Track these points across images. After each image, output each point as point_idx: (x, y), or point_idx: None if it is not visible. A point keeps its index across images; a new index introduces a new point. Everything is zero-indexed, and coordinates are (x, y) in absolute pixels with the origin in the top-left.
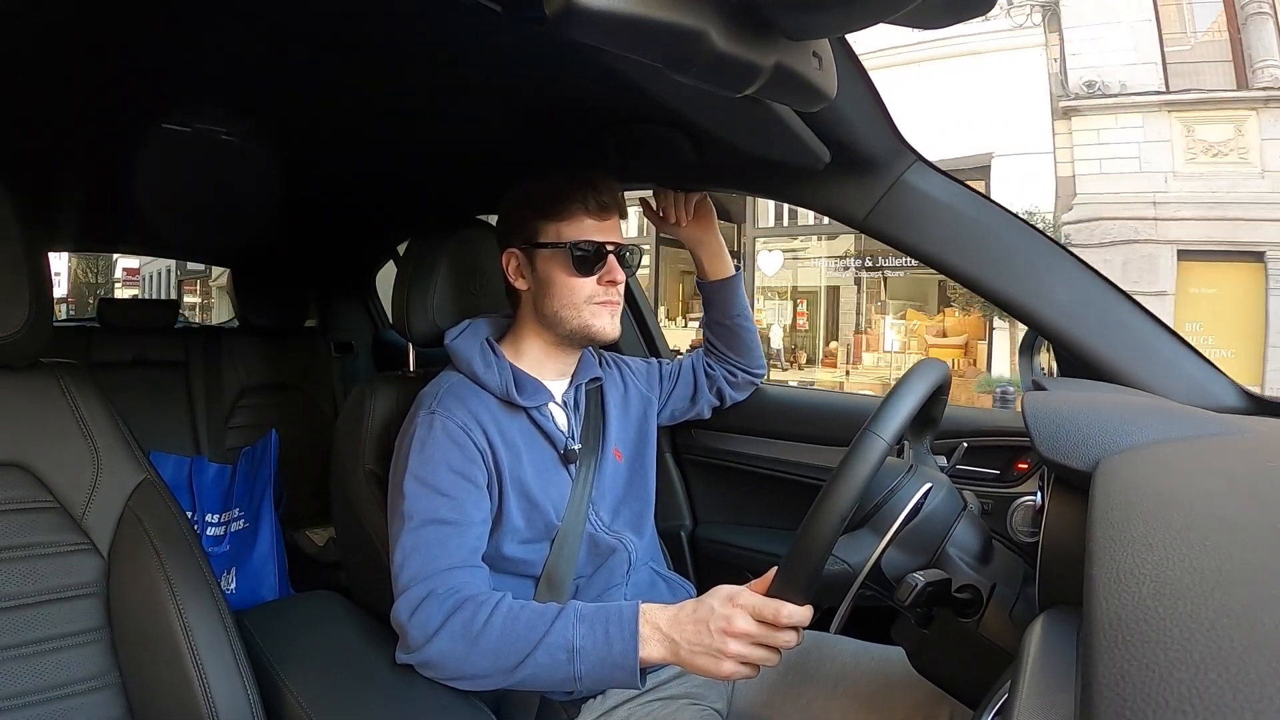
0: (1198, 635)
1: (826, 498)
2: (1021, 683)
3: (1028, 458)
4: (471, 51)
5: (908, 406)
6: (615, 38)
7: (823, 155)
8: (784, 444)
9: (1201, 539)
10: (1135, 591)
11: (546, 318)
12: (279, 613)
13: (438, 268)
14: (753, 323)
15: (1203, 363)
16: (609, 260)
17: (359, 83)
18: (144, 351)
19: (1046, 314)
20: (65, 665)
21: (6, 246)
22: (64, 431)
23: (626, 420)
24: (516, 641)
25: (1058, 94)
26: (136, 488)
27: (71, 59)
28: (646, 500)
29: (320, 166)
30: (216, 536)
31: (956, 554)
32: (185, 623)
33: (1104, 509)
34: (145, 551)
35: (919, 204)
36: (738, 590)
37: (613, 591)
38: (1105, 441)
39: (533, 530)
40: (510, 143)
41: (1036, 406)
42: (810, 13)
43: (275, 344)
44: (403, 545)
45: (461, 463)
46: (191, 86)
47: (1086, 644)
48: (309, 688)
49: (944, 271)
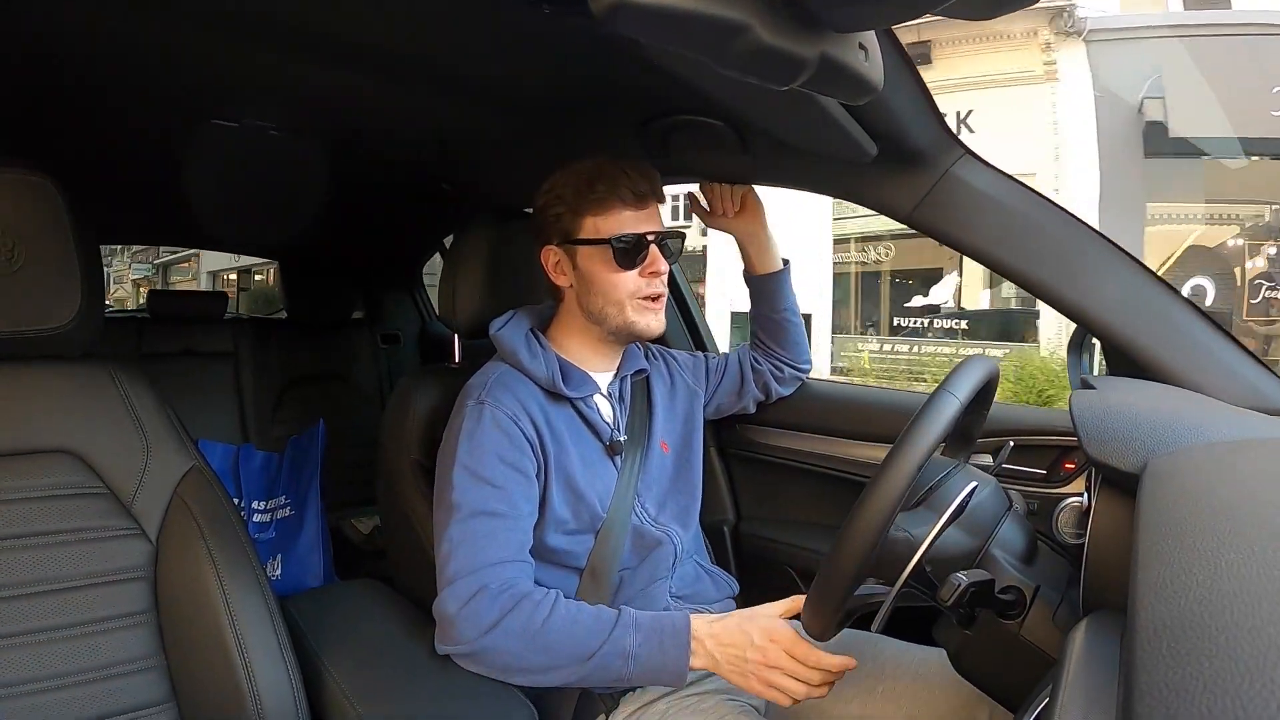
0: (1244, 644)
1: (851, 527)
2: (1063, 687)
3: (1075, 458)
4: (514, 48)
5: (948, 414)
6: (660, 32)
7: (870, 149)
8: (828, 440)
9: (1250, 545)
10: (1181, 597)
11: (591, 315)
12: (323, 600)
13: (484, 260)
14: (799, 317)
15: (1255, 363)
16: (650, 250)
17: (403, 81)
18: (193, 343)
19: (1096, 311)
20: (112, 647)
21: (58, 240)
22: (114, 420)
23: (673, 413)
24: (576, 645)
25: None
26: (185, 475)
27: (122, 56)
28: (693, 494)
29: (366, 162)
30: (263, 523)
31: (1001, 554)
32: (230, 608)
33: (1151, 512)
34: (193, 537)
35: (967, 198)
36: (775, 625)
37: (658, 585)
38: (1154, 442)
39: (578, 521)
40: (555, 135)
41: (1084, 405)
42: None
43: (323, 336)
44: (450, 536)
45: (511, 452)
46: (239, 84)
47: (1129, 650)
48: (351, 674)
49: (992, 266)
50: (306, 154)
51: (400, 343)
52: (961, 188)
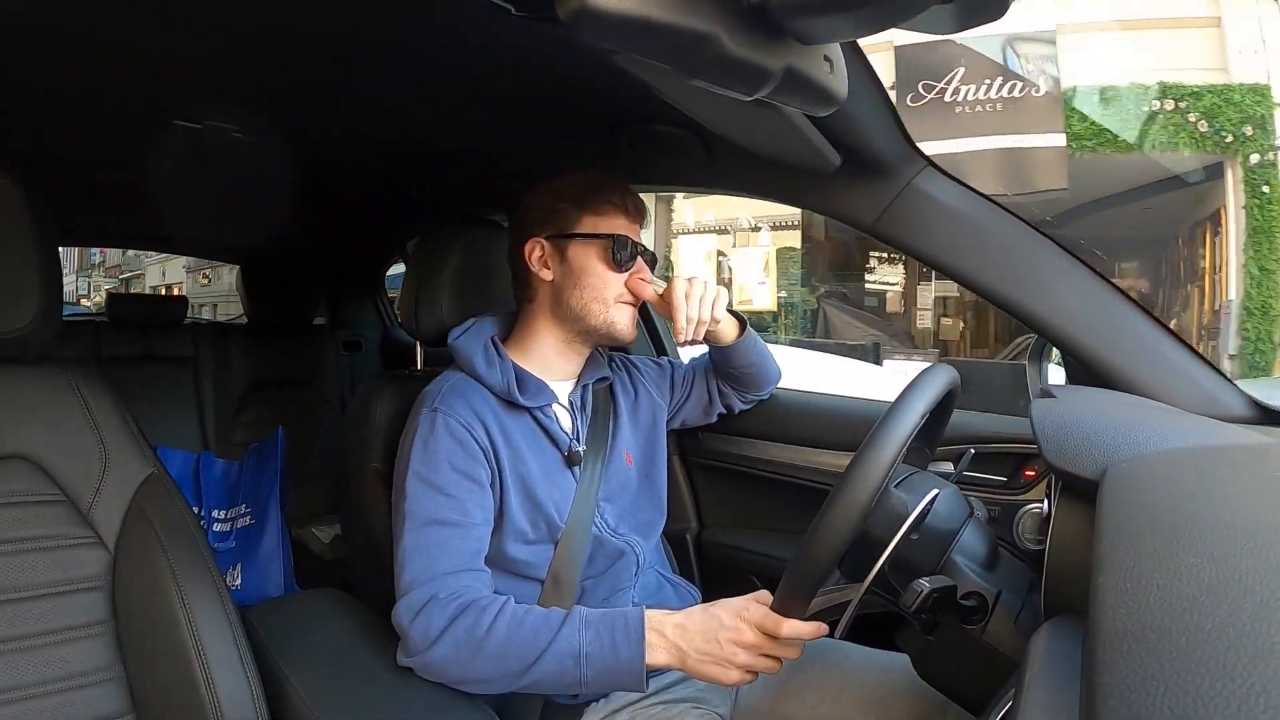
0: (1203, 646)
1: (827, 515)
2: (1025, 691)
3: (1035, 465)
4: (482, 52)
5: (912, 418)
6: (628, 40)
7: (833, 159)
8: (792, 448)
9: (1209, 549)
10: (1141, 601)
11: (570, 310)
12: (284, 609)
13: (447, 267)
14: (764, 357)
15: (1212, 372)
16: (639, 260)
17: (369, 82)
18: (153, 347)
19: (1056, 321)
20: (70, 658)
21: (17, 241)
22: (72, 426)
23: (637, 425)
24: (522, 647)
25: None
26: (143, 482)
27: (84, 56)
28: (658, 507)
29: (331, 165)
30: (223, 532)
31: (962, 560)
32: (190, 618)
33: (1111, 517)
34: (151, 546)
35: (929, 209)
36: (745, 603)
37: (620, 594)
38: (1113, 450)
39: (536, 532)
40: (521, 142)
41: (1044, 414)
42: (821, 17)
43: (284, 341)
44: (404, 545)
45: (464, 461)
46: (203, 84)
47: (1091, 653)
48: (313, 684)
49: (953, 277)
50: (269, 156)
51: (362, 349)
52: (923, 199)
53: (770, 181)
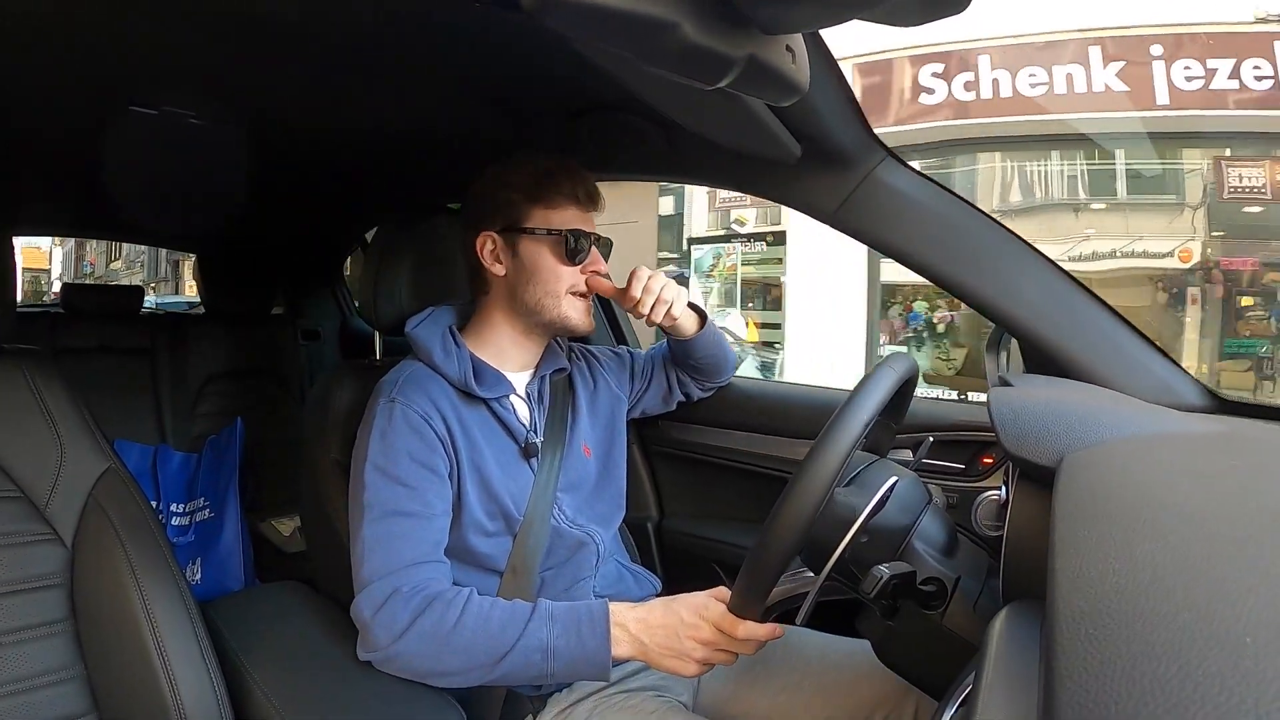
0: (1159, 629)
1: (779, 516)
2: (985, 675)
3: (993, 453)
4: (443, 38)
5: (865, 415)
6: (590, 27)
7: (794, 149)
8: (751, 436)
9: (1163, 534)
10: (1097, 585)
11: (524, 305)
12: (245, 604)
13: (405, 256)
14: (722, 347)
15: (1167, 362)
16: (593, 251)
17: (329, 69)
18: (108, 338)
19: (1014, 311)
20: (29, 658)
21: None
22: (27, 419)
23: (596, 416)
24: (490, 642)
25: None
26: (100, 477)
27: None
28: (617, 500)
29: (289, 152)
30: (181, 526)
31: (922, 547)
32: (150, 614)
33: (1067, 504)
34: (109, 542)
35: (889, 200)
36: (705, 601)
37: (581, 584)
38: (1070, 438)
39: (494, 524)
40: (481, 131)
41: (1002, 402)
42: (784, 7)
43: (241, 331)
44: (364, 538)
45: (422, 451)
46: (159, 68)
47: (1049, 637)
48: (275, 679)
49: (913, 268)
50: (226, 144)
51: (321, 339)
52: (883, 189)
53: (731, 171)
